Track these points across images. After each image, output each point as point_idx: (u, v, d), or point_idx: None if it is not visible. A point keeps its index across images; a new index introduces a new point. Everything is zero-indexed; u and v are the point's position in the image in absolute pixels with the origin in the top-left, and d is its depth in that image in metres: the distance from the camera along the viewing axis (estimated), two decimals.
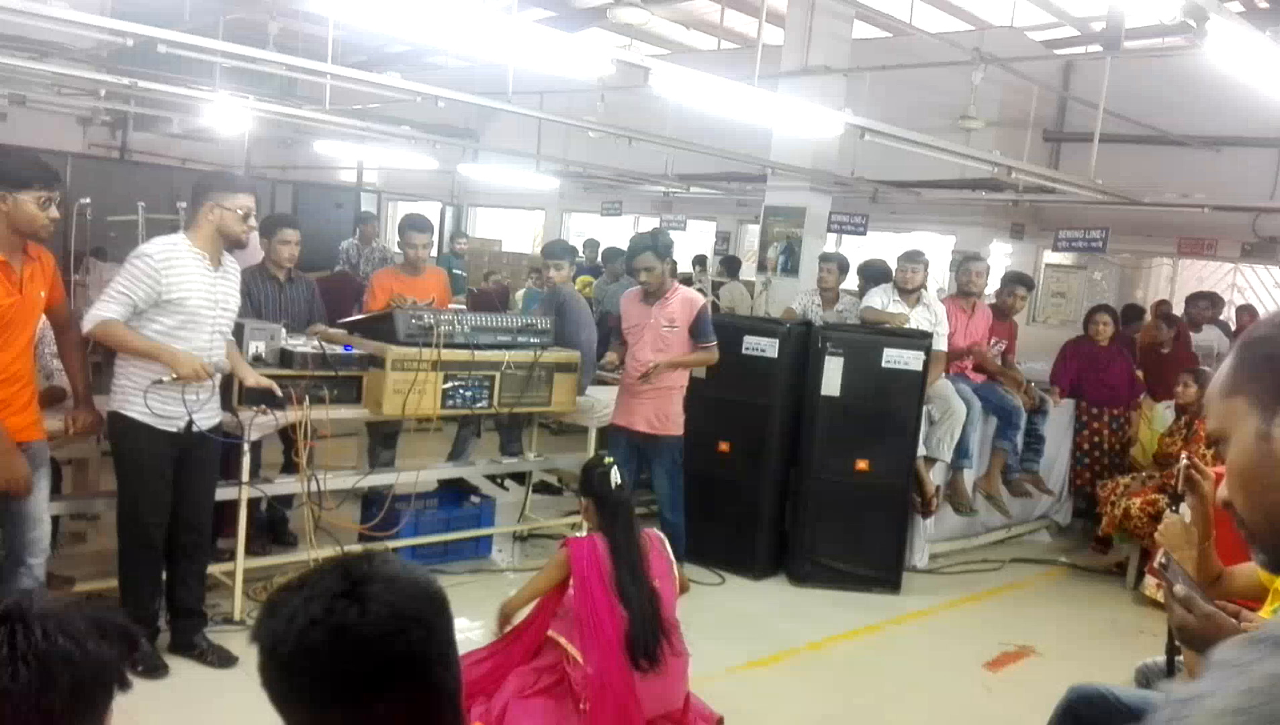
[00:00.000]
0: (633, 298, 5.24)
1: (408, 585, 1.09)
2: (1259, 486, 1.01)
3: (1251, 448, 1.00)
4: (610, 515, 3.46)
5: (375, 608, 1.05)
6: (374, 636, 1.05)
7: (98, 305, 3.52)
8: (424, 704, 1.09)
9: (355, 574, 1.07)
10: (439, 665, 1.10)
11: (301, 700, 1.08)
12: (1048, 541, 7.06)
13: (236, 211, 3.67)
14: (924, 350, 5.46)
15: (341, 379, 4.38)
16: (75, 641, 0.99)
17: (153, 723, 3.43)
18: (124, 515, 3.78)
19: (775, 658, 4.51)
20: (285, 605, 1.08)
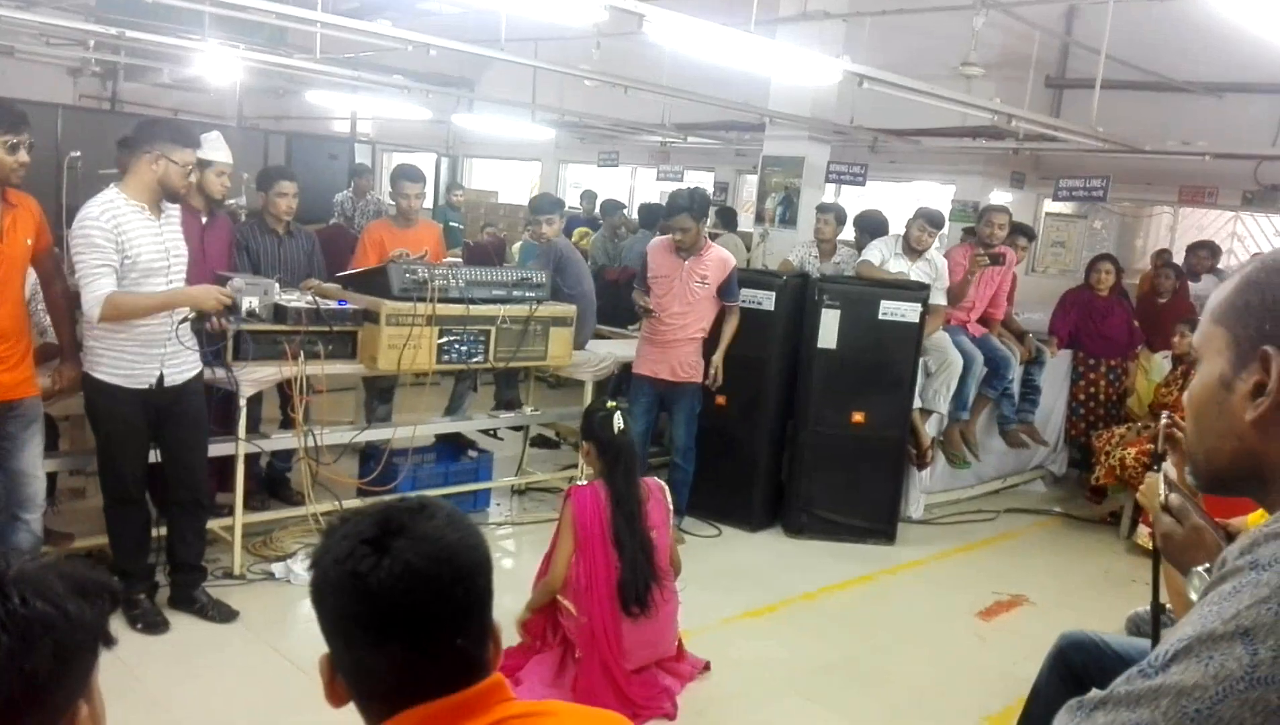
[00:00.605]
0: (663, 248, 5.23)
1: (434, 546, 1.10)
2: (1207, 424, 1.01)
3: (1213, 388, 0.99)
4: (612, 459, 3.48)
5: (389, 563, 1.07)
6: (379, 591, 1.07)
7: (87, 289, 3.39)
8: (426, 662, 1.11)
9: (391, 523, 1.10)
10: (449, 628, 1.11)
11: (324, 628, 1.13)
12: (1042, 492, 7.11)
13: (183, 167, 3.56)
14: (921, 302, 5.44)
15: (336, 334, 4.37)
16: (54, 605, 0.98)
17: (154, 677, 3.48)
18: (104, 473, 3.78)
19: (770, 608, 4.56)
20: (331, 535, 1.13)
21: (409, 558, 1.08)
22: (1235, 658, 0.78)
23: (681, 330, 5.14)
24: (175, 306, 3.58)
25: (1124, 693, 0.81)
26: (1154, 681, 0.80)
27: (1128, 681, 0.82)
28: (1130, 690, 0.81)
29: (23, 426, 3.49)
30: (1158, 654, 0.82)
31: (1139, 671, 0.82)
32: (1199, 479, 1.04)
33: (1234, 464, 0.99)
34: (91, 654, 1.04)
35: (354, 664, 1.12)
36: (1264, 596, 0.79)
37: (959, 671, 4.12)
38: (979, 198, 10.06)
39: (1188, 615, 0.84)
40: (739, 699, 3.68)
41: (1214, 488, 1.05)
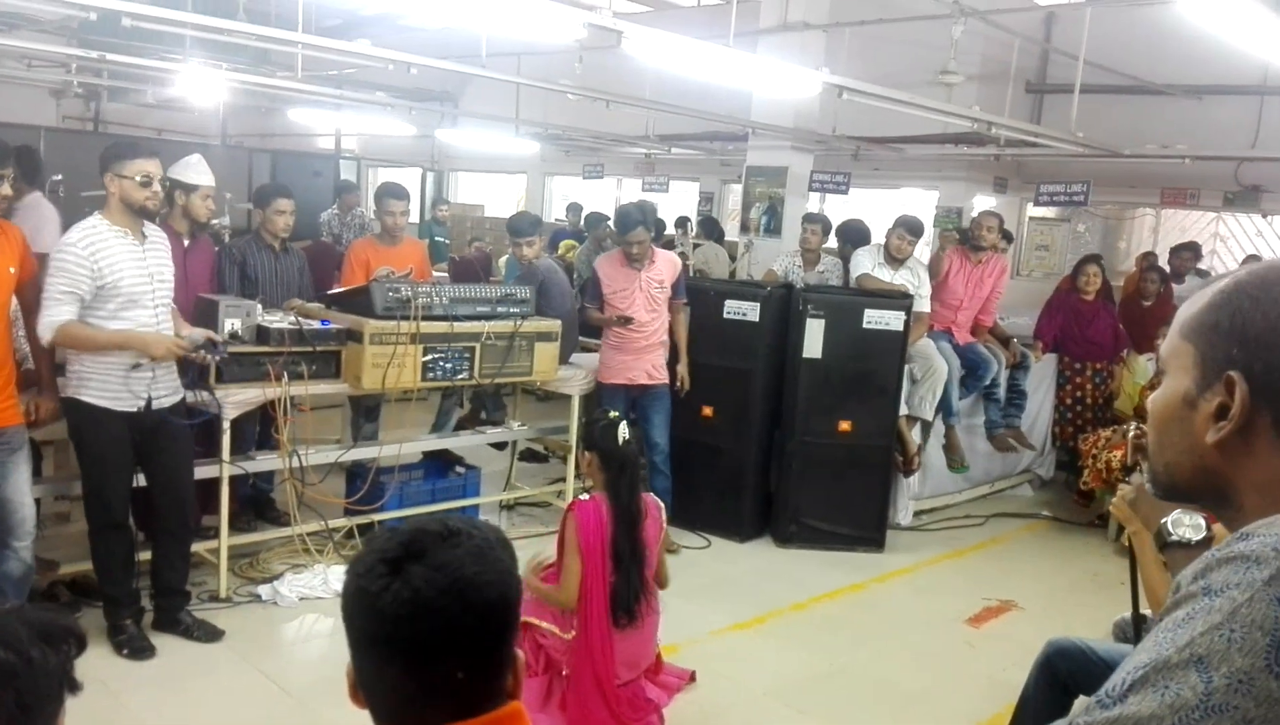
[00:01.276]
0: (614, 262, 5.34)
1: (448, 577, 1.10)
2: (1168, 440, 1.01)
3: (1176, 404, 0.99)
4: (617, 470, 3.44)
5: (398, 587, 1.09)
6: (386, 612, 1.09)
7: (45, 312, 3.42)
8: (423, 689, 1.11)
9: (414, 546, 1.11)
10: (451, 659, 1.11)
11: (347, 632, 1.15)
12: (1030, 496, 7.13)
13: (135, 179, 3.52)
14: (905, 311, 5.46)
15: (320, 354, 4.36)
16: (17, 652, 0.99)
17: (140, 702, 3.47)
18: (89, 499, 3.76)
19: (759, 619, 4.56)
20: (367, 546, 1.17)
21: (418, 585, 1.09)
22: (1190, 686, 0.78)
23: (653, 335, 5.34)
24: (128, 348, 3.54)
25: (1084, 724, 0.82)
26: (1111, 713, 0.81)
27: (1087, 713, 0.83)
28: (1089, 721, 0.82)
29: (8, 454, 3.47)
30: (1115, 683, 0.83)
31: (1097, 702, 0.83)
32: (1158, 489, 1.05)
33: (1194, 480, 0.99)
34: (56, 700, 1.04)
35: (366, 676, 1.14)
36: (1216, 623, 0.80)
37: (949, 678, 4.13)
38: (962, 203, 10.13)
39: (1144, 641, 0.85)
40: (728, 711, 3.69)
41: (1172, 497, 1.05)
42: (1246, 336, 0.93)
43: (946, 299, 6.30)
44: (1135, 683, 0.81)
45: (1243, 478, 0.95)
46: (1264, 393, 0.92)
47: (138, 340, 3.53)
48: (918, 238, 5.91)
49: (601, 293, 5.31)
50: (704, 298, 5.61)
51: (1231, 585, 0.81)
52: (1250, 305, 0.94)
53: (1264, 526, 0.85)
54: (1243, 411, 0.92)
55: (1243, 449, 0.94)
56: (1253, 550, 0.83)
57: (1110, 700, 0.82)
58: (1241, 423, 0.92)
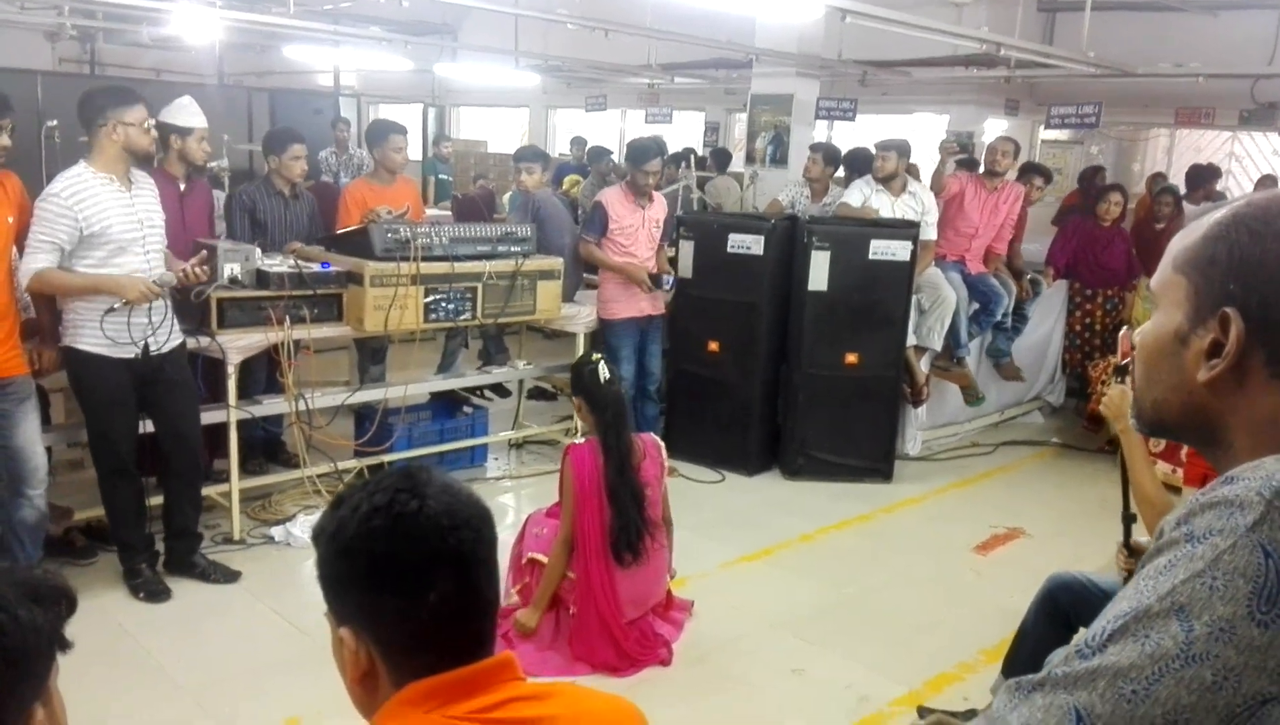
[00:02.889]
0: (621, 199, 5.33)
1: (461, 492, 1.17)
2: (1157, 375, 0.98)
3: (1167, 339, 0.95)
4: (601, 410, 3.49)
5: (432, 504, 1.12)
6: (429, 529, 1.11)
7: (25, 259, 3.44)
8: (465, 604, 1.14)
9: (417, 478, 1.15)
10: (483, 571, 1.16)
11: (357, 585, 1.13)
12: (1040, 423, 7.12)
13: (140, 124, 3.53)
14: (911, 240, 5.39)
15: (321, 297, 4.34)
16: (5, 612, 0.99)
17: (158, 644, 3.53)
18: (94, 446, 3.79)
19: (767, 551, 4.59)
20: (351, 498, 1.15)
21: (447, 500, 1.14)
22: (1170, 635, 0.77)
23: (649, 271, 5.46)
24: (101, 292, 3.51)
25: (1061, 674, 0.81)
26: (1091, 663, 0.79)
27: (1066, 663, 0.82)
28: (1068, 672, 0.80)
29: (16, 403, 3.49)
30: (1095, 633, 0.81)
31: (1076, 652, 0.81)
32: (1144, 425, 1.01)
33: (1182, 418, 0.97)
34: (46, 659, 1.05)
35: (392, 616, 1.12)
36: (1198, 570, 0.78)
37: (956, 606, 4.16)
38: (973, 127, 9.95)
39: (1125, 589, 0.83)
40: (737, 643, 3.73)
41: (1158, 434, 1.03)
42: (1244, 271, 0.89)
43: (961, 227, 6.21)
44: (1115, 632, 0.80)
45: (1233, 417, 0.92)
46: (1259, 330, 0.88)
47: (110, 283, 3.51)
48: (902, 156, 5.78)
49: (607, 227, 5.27)
50: (707, 232, 5.56)
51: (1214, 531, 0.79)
52: (1249, 239, 0.90)
53: (1249, 469, 0.83)
54: (1237, 350, 0.89)
55: (1234, 388, 0.90)
56: (1237, 495, 0.80)
57: (1090, 650, 0.80)
58: (1235, 361, 0.89)
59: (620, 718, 1.24)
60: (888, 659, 3.67)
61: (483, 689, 1.12)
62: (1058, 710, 0.79)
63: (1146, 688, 0.76)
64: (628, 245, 5.31)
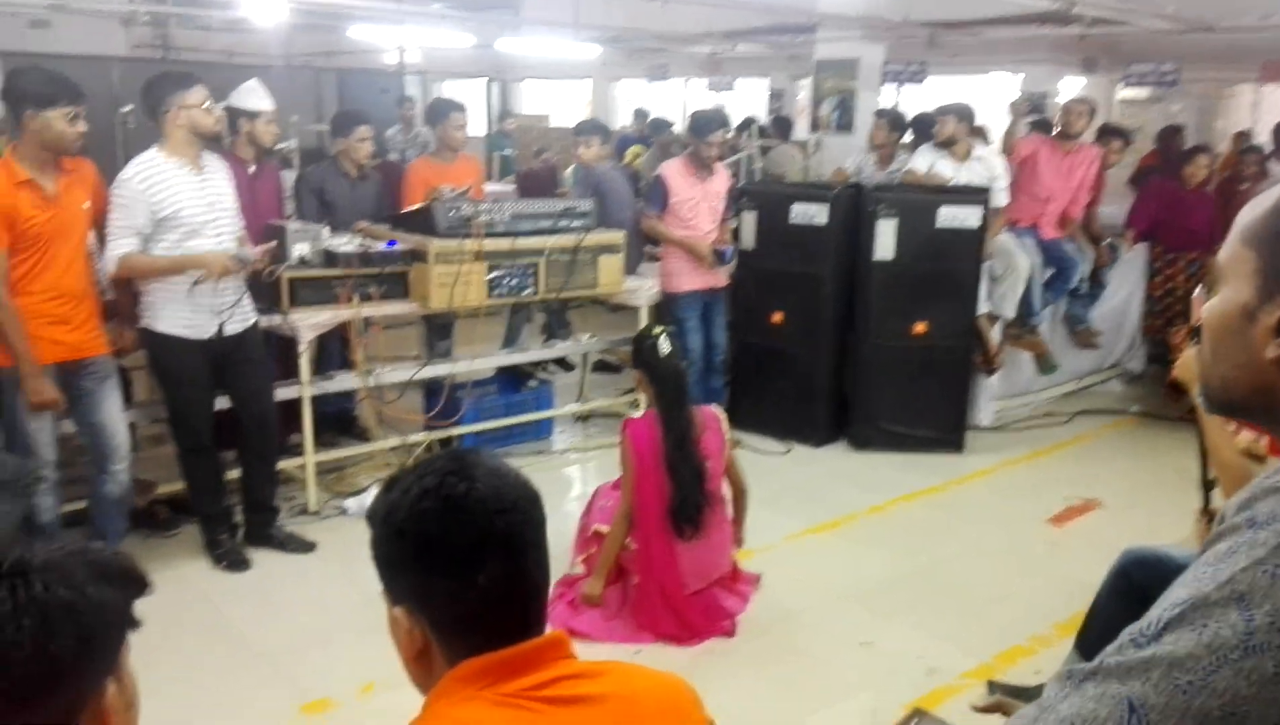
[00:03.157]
0: (682, 172, 5.30)
1: (509, 475, 1.19)
2: (1223, 351, 0.94)
3: (1234, 316, 0.92)
4: (661, 384, 3.49)
5: (481, 487, 1.14)
6: (479, 510, 1.12)
7: (109, 246, 3.56)
8: (514, 586, 1.15)
9: (465, 461, 1.18)
10: (531, 552, 1.17)
11: (409, 565, 1.15)
12: (1119, 391, 6.92)
13: (201, 105, 3.61)
14: (981, 206, 5.26)
15: (387, 275, 4.41)
16: (76, 590, 1.02)
17: (239, 613, 3.65)
18: (173, 423, 3.91)
19: (834, 523, 4.56)
20: (402, 481, 1.17)
21: (495, 483, 1.15)
22: (1230, 625, 0.74)
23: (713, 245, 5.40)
24: (186, 270, 3.61)
25: (1114, 664, 0.78)
26: (1145, 652, 0.77)
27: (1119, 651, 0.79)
28: (1121, 661, 0.78)
29: (98, 382, 3.62)
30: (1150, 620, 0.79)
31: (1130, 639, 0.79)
32: (1210, 402, 0.98)
33: (1250, 397, 0.93)
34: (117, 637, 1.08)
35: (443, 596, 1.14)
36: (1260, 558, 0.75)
37: (1029, 578, 4.09)
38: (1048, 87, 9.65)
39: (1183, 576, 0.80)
40: (803, 614, 3.72)
41: (1226, 413, 0.99)
42: None
43: (1035, 191, 6.03)
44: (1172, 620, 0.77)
45: None
46: None
47: (193, 260, 3.61)
48: (961, 120, 5.60)
49: (668, 201, 5.25)
50: (770, 202, 5.49)
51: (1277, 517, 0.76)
52: None
53: None
54: None
55: None
56: None
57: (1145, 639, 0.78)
58: None
59: (671, 695, 1.24)
60: (958, 631, 3.62)
61: (534, 667, 1.13)
62: (1110, 700, 0.76)
63: (1203, 679, 0.74)
64: (689, 218, 5.27)
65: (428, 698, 1.17)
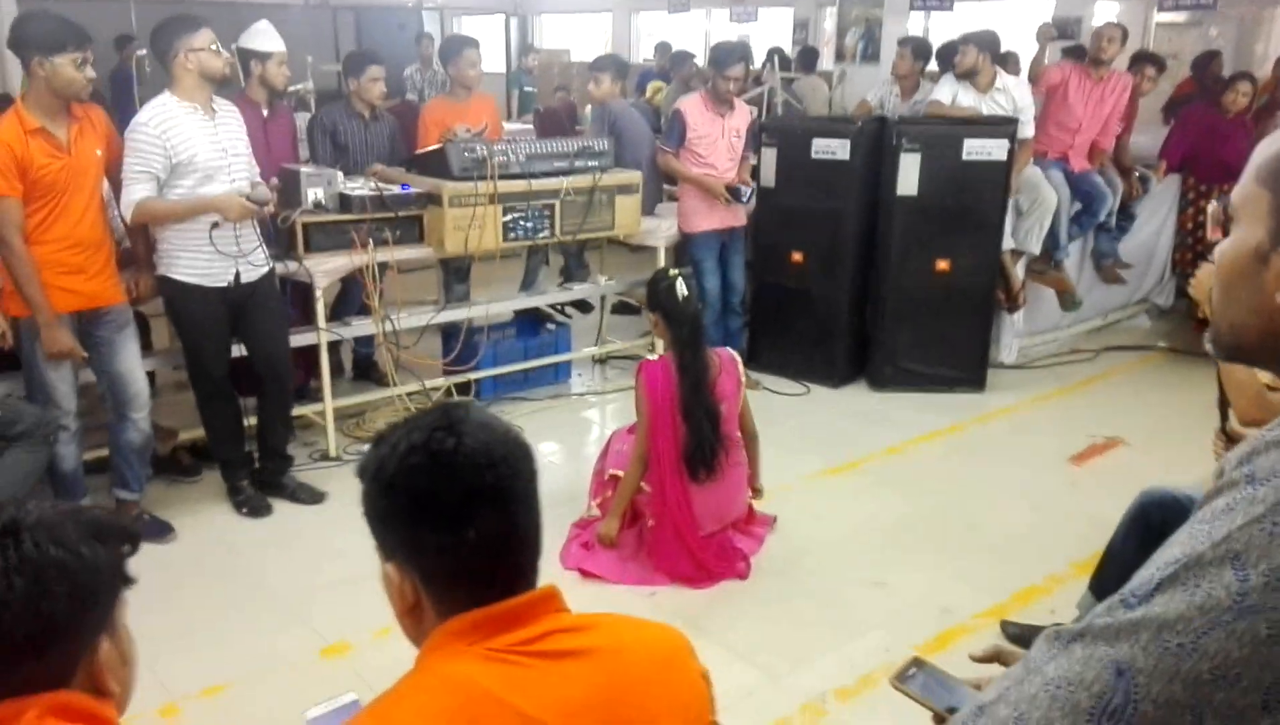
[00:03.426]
0: (700, 107, 5.20)
1: (499, 429, 1.18)
2: (1234, 295, 0.91)
3: (1246, 258, 0.88)
4: (677, 326, 3.47)
5: (469, 442, 1.13)
6: (466, 465, 1.12)
7: (125, 191, 3.54)
8: (504, 540, 1.15)
9: (454, 416, 1.17)
10: (523, 506, 1.17)
11: (399, 520, 1.15)
12: (1147, 326, 6.81)
13: (209, 48, 3.57)
14: (1008, 138, 5.12)
15: (402, 219, 4.38)
16: (68, 549, 1.04)
17: (259, 557, 3.72)
18: (191, 371, 3.94)
19: (853, 464, 4.55)
20: (391, 436, 1.17)
21: (484, 438, 1.15)
22: (1224, 585, 0.71)
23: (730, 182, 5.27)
24: (202, 212, 3.61)
25: (1103, 625, 0.76)
26: (1135, 614, 0.74)
27: (1109, 612, 0.76)
28: (1110, 623, 0.75)
29: (115, 330, 3.64)
30: (1142, 580, 0.76)
31: (1121, 600, 0.76)
32: (1219, 348, 0.95)
33: (1261, 341, 0.89)
34: (110, 595, 1.10)
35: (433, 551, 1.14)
36: (1258, 515, 0.72)
37: (1048, 518, 4.06)
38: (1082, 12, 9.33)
39: (1178, 533, 0.78)
40: (818, 555, 3.72)
41: (1236, 358, 0.96)
42: None
43: (1064, 121, 5.86)
44: (1164, 580, 0.74)
45: None
46: None
47: (209, 204, 3.60)
48: (983, 50, 5.40)
49: (685, 136, 5.16)
50: (790, 137, 5.38)
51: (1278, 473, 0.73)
52: None
53: None
54: None
55: None
56: None
57: (1136, 599, 0.75)
58: None
59: (663, 647, 1.24)
60: (974, 571, 3.62)
61: (524, 621, 1.14)
62: (1097, 663, 0.74)
63: (1194, 641, 0.71)
64: (706, 156, 5.16)
65: (419, 652, 1.17)
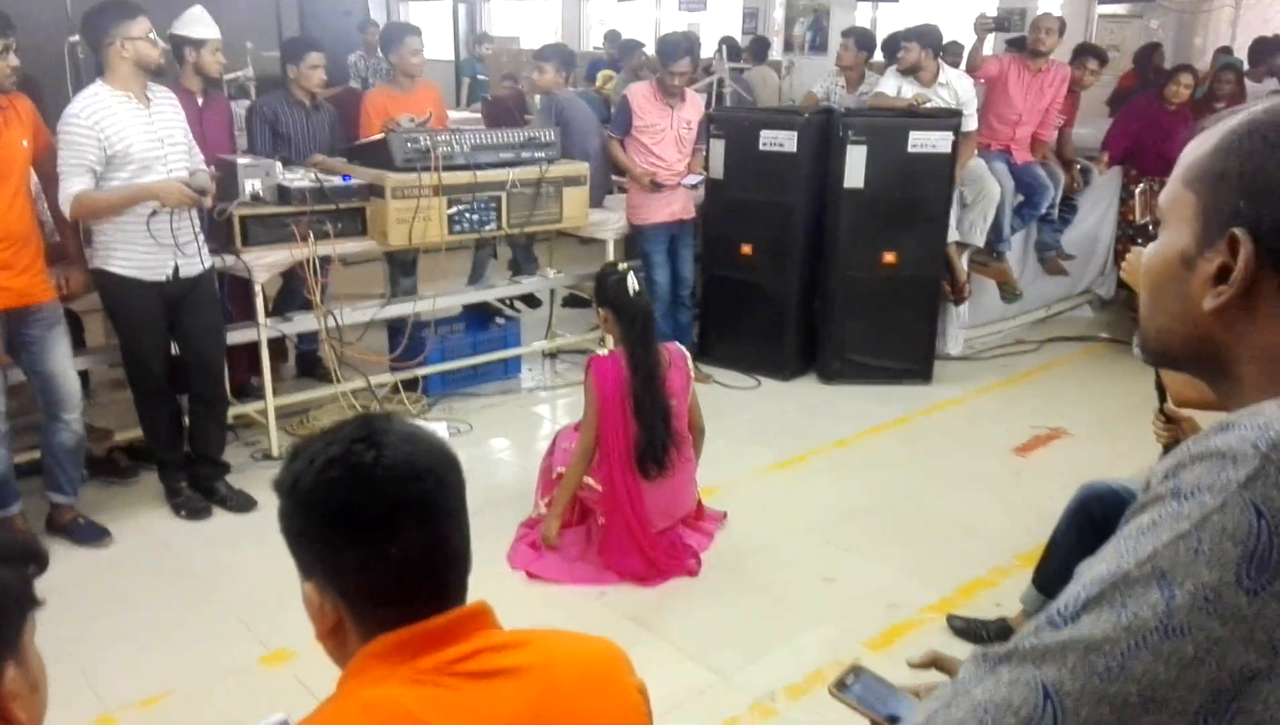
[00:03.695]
0: (648, 95, 5.16)
1: (422, 441, 1.14)
2: (1160, 301, 0.89)
3: (1172, 263, 0.86)
4: (629, 323, 3.44)
5: (390, 454, 1.09)
6: (387, 478, 1.08)
7: (62, 185, 3.43)
8: (430, 556, 1.11)
9: (375, 427, 1.13)
10: (448, 519, 1.13)
11: (318, 537, 1.11)
12: (1090, 317, 6.92)
13: (147, 38, 3.47)
14: (952, 130, 5.16)
15: (344, 211, 4.29)
16: None
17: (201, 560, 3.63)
18: (128, 366, 3.83)
19: (801, 457, 4.56)
20: (308, 449, 1.13)
21: (406, 449, 1.10)
22: (1150, 604, 0.70)
23: (680, 176, 5.29)
24: (141, 201, 3.51)
25: (1030, 646, 0.74)
26: (1062, 635, 0.73)
27: (1035, 633, 0.75)
28: (1037, 644, 0.74)
29: (45, 329, 3.52)
30: (1068, 599, 0.75)
31: (1047, 620, 0.75)
32: (1147, 354, 0.93)
33: (1187, 349, 0.88)
34: (14, 618, 1.04)
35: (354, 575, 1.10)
36: (1183, 532, 0.70)
37: (993, 509, 4.11)
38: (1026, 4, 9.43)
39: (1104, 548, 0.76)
40: (768, 550, 3.72)
41: (1163, 365, 0.94)
42: (1257, 187, 0.79)
43: (1004, 113, 5.92)
44: (1090, 599, 0.73)
45: (1242, 347, 0.83)
46: (1272, 253, 0.79)
47: (148, 192, 3.50)
48: (925, 46, 5.42)
49: (631, 124, 5.12)
50: (738, 129, 5.37)
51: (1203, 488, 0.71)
52: (1264, 151, 0.80)
53: (1247, 416, 0.74)
54: (1246, 275, 0.79)
55: (1243, 316, 0.81)
56: (1230, 446, 0.72)
57: (1062, 619, 0.73)
58: (1244, 287, 0.80)
59: (597, 662, 1.21)
60: (920, 564, 3.65)
61: (452, 640, 1.10)
62: (1024, 686, 0.73)
63: (1121, 663, 0.69)
64: (652, 145, 5.14)
65: (341, 676, 1.13)
